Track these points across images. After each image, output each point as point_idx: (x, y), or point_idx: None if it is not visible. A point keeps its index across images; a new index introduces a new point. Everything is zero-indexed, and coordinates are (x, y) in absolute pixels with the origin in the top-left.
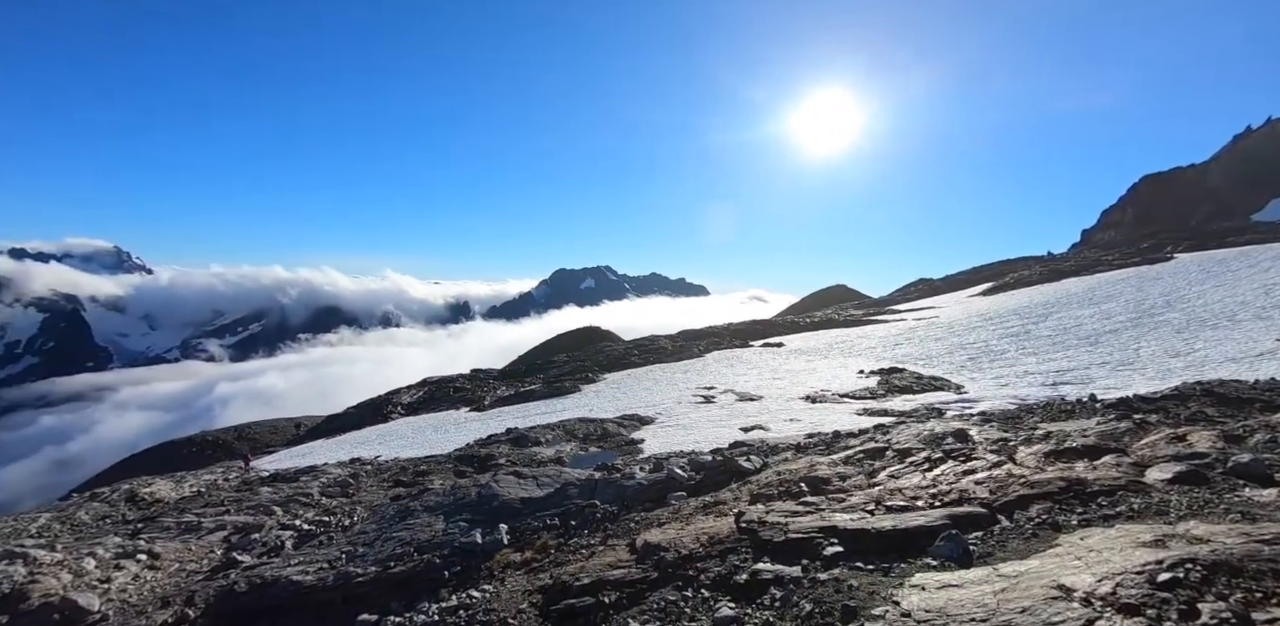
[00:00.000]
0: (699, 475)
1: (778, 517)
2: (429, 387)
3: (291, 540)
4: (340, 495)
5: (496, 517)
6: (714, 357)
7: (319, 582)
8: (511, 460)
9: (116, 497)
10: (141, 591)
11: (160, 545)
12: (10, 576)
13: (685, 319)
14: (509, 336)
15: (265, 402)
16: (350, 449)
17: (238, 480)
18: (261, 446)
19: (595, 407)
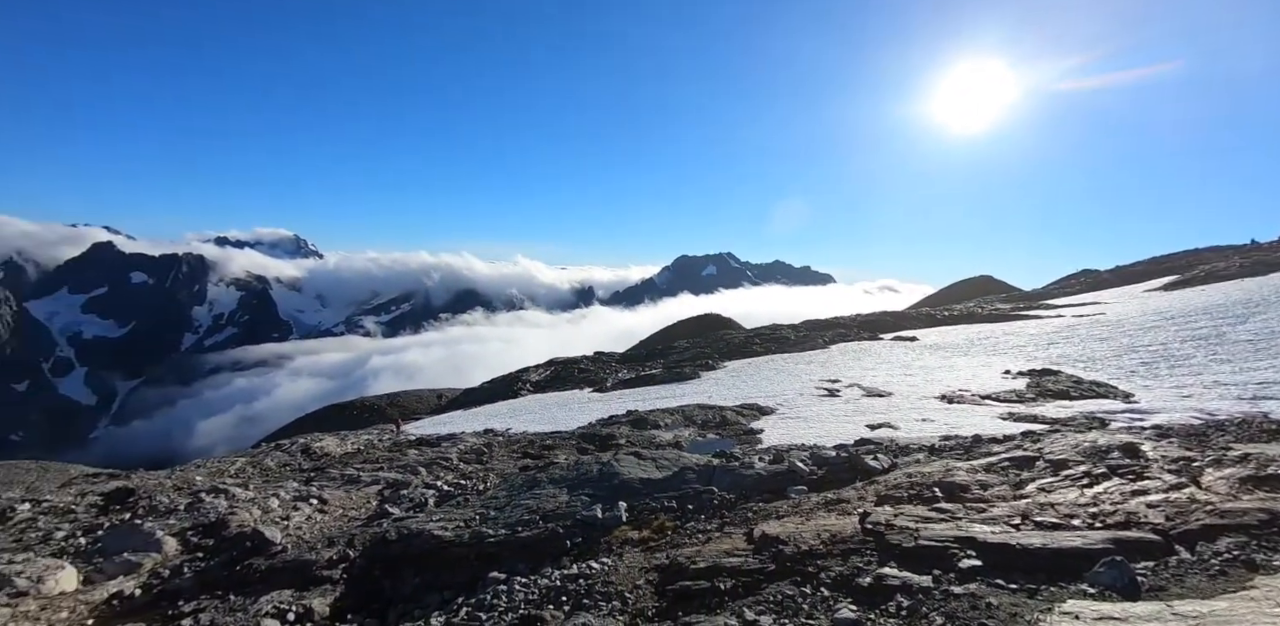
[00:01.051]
0: (821, 470)
1: (907, 522)
2: (555, 367)
3: (433, 498)
4: (475, 462)
5: (616, 495)
6: (839, 350)
7: (456, 538)
8: (631, 441)
9: (294, 449)
10: (312, 530)
11: (328, 492)
12: (216, 508)
13: (809, 308)
14: (630, 321)
15: (407, 376)
16: (484, 421)
17: (389, 442)
18: (409, 413)
19: (714, 395)
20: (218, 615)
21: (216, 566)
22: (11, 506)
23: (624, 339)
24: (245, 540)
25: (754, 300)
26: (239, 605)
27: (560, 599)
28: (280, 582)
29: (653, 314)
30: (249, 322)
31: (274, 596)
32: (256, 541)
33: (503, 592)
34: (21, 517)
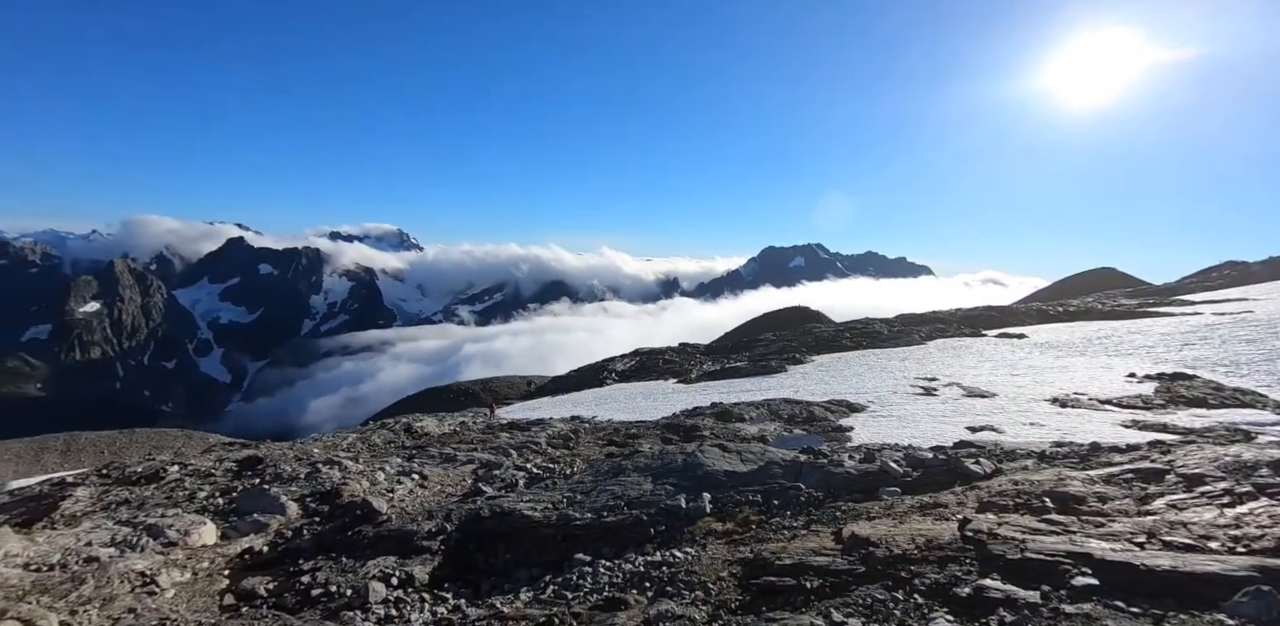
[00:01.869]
0: (915, 472)
1: (1012, 532)
2: (640, 358)
3: (523, 480)
4: (562, 447)
5: (700, 486)
6: (937, 346)
7: (544, 519)
8: (715, 433)
9: (398, 428)
10: (413, 503)
11: (428, 469)
12: (331, 478)
13: (904, 302)
14: (715, 313)
15: (495, 363)
16: (571, 407)
17: (483, 424)
18: (500, 398)
19: (801, 389)
20: (332, 574)
21: (331, 530)
22: (164, 468)
23: (708, 331)
24: (356, 509)
25: (844, 293)
26: (350, 567)
27: (644, 584)
28: (385, 549)
29: (737, 306)
30: (358, 310)
31: (380, 561)
32: (365, 510)
33: (588, 574)
34: (171, 478)
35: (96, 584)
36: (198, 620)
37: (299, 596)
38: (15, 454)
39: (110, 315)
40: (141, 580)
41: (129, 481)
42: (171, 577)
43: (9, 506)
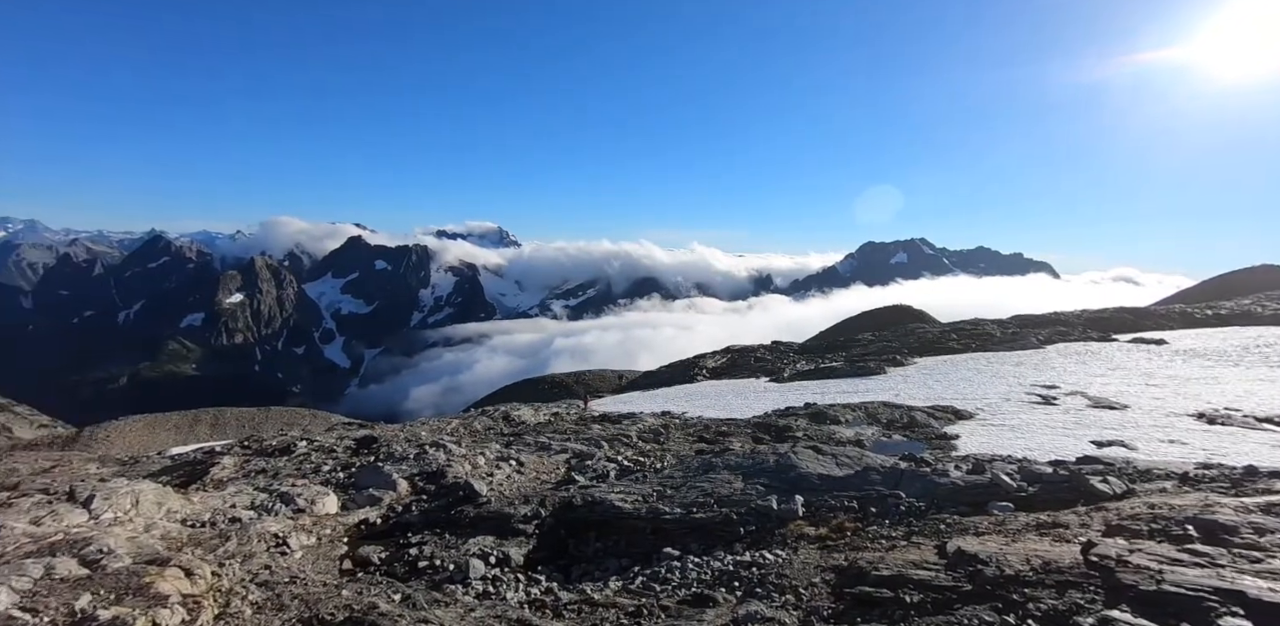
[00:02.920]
0: (1031, 487)
1: (1146, 561)
2: (732, 355)
3: (614, 471)
4: (653, 441)
5: (793, 488)
6: (1058, 351)
7: (634, 511)
8: (809, 435)
9: (497, 416)
10: (511, 487)
11: (524, 456)
12: (436, 459)
13: (1020, 302)
14: (808, 310)
15: (583, 357)
16: (661, 403)
17: (576, 416)
18: (592, 391)
19: (902, 393)
20: (436, 549)
21: (436, 508)
22: (294, 443)
23: (801, 329)
24: (459, 489)
25: (951, 291)
26: (452, 543)
27: (732, 583)
28: (485, 529)
29: (834, 303)
30: (462, 304)
31: (479, 540)
32: (467, 491)
33: (676, 569)
34: (300, 452)
35: (239, 541)
36: (322, 580)
37: (407, 567)
38: (174, 425)
39: (251, 306)
40: (275, 541)
41: (265, 453)
42: (300, 541)
43: (170, 469)
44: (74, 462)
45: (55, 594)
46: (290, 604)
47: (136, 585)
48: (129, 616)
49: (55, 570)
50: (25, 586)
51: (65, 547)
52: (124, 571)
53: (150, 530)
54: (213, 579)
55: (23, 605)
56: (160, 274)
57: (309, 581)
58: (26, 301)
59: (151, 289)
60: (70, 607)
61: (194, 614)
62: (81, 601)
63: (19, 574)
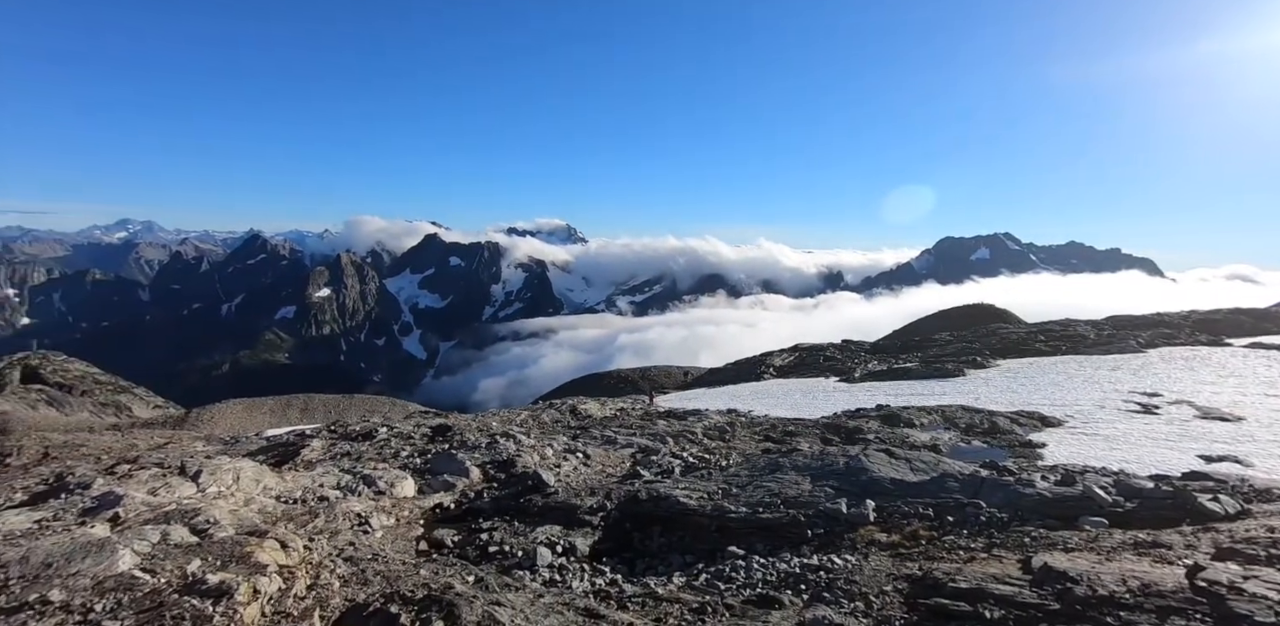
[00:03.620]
0: (1129, 503)
1: (1264, 590)
2: (800, 353)
3: (679, 467)
4: (718, 439)
5: (863, 492)
6: (1161, 355)
7: (699, 508)
8: (881, 438)
9: (564, 409)
10: (577, 479)
11: (590, 449)
12: (507, 449)
13: (1117, 302)
14: (881, 309)
15: (645, 354)
16: (727, 400)
17: (641, 411)
18: (657, 387)
19: (983, 397)
20: (506, 535)
21: (506, 496)
22: (375, 429)
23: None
24: (528, 479)
25: (1038, 289)
26: (521, 530)
27: (799, 586)
28: (552, 518)
29: (908, 302)
30: (531, 299)
31: (547, 529)
32: (536, 481)
33: (740, 568)
34: (381, 438)
35: (326, 518)
36: (401, 559)
37: (478, 551)
38: (269, 409)
39: (337, 300)
40: (358, 520)
41: (349, 437)
42: (380, 521)
43: (265, 449)
44: (184, 440)
45: (170, 558)
46: (373, 579)
47: (239, 553)
48: (233, 581)
49: (170, 536)
50: (145, 550)
51: (178, 516)
52: (228, 541)
53: (249, 504)
54: (304, 552)
55: (143, 566)
56: (258, 270)
57: (389, 559)
58: (144, 295)
59: (250, 284)
60: (183, 571)
61: (289, 583)
62: (192, 566)
63: (140, 538)
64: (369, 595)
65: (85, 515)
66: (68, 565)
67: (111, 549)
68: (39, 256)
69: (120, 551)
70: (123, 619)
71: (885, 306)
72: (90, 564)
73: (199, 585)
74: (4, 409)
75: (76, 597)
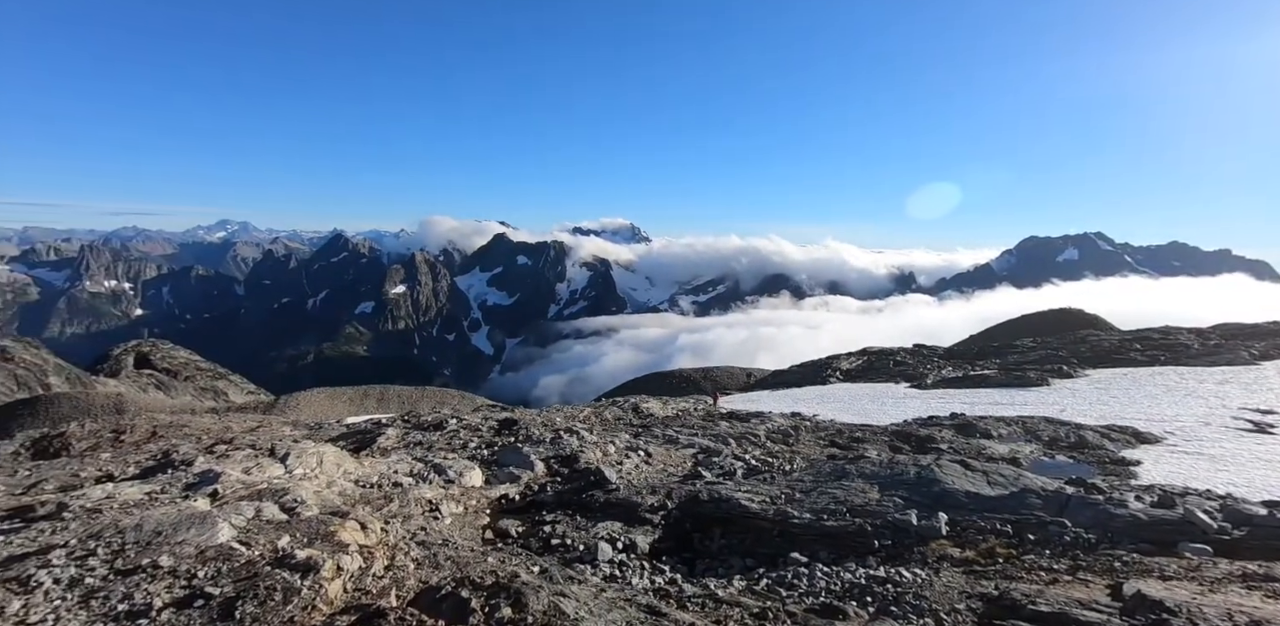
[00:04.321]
0: (1237, 530)
1: None
2: (868, 357)
3: (741, 470)
4: (782, 442)
5: (935, 504)
6: (1278, 368)
7: (761, 512)
8: (955, 448)
9: (627, 407)
10: (639, 477)
11: (652, 448)
12: (570, 444)
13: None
14: (956, 312)
15: (703, 354)
16: (791, 403)
17: (703, 411)
18: (719, 387)
19: (1069, 408)
20: (568, 529)
21: (569, 491)
22: (446, 420)
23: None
24: (590, 474)
25: (1133, 293)
26: (582, 525)
27: (864, 598)
28: (613, 514)
29: (986, 305)
30: (595, 298)
31: (608, 525)
32: (598, 477)
33: (803, 575)
34: (451, 429)
35: (400, 503)
36: (469, 546)
37: (541, 542)
38: (348, 398)
39: (411, 296)
40: (429, 506)
41: (421, 427)
42: (449, 508)
43: (345, 436)
44: (273, 425)
45: (263, 532)
46: (444, 563)
47: (323, 532)
48: (319, 557)
49: (262, 513)
50: (241, 524)
51: (269, 495)
52: (314, 519)
53: (331, 486)
54: (382, 534)
55: (239, 539)
56: (340, 267)
57: (458, 545)
58: (240, 289)
59: (333, 280)
60: (274, 545)
61: (368, 562)
62: (282, 541)
63: (236, 513)
64: (441, 578)
65: (188, 490)
66: (174, 534)
67: (212, 521)
68: (150, 254)
69: (220, 524)
70: (222, 586)
71: (959, 310)
72: (194, 534)
73: (288, 559)
74: (120, 390)
75: (182, 564)
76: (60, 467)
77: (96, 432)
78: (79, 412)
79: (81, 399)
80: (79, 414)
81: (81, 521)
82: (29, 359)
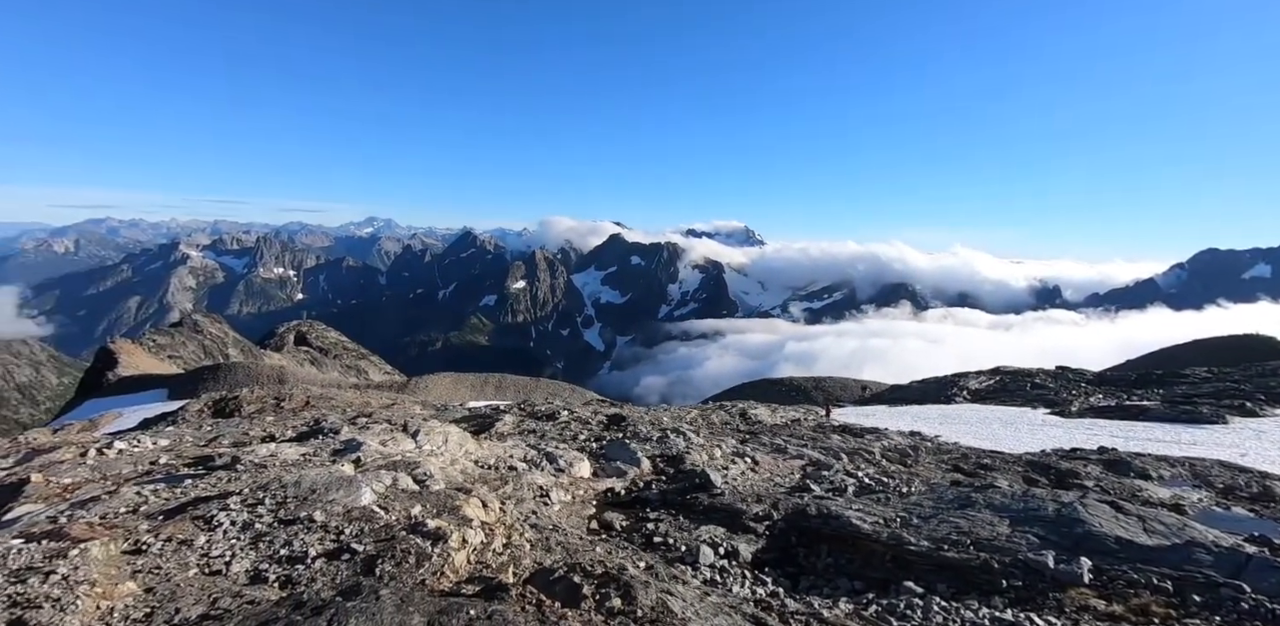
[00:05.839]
0: None
1: None
2: (1001, 378)
3: (853, 487)
4: (899, 462)
5: (1076, 547)
6: None
7: (873, 534)
8: (1103, 487)
9: (734, 412)
10: (744, 484)
11: (759, 456)
12: (676, 445)
13: None
14: (1107, 332)
15: (807, 363)
16: (910, 421)
17: (813, 422)
18: (832, 399)
19: (1252, 452)
20: (670, 528)
21: (673, 491)
22: (558, 411)
23: (1087, 354)
24: (695, 477)
25: None
26: (685, 526)
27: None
28: (716, 519)
29: (1143, 326)
30: (706, 300)
31: (710, 529)
32: (703, 480)
33: (917, 607)
34: (563, 420)
35: (514, 486)
36: (577, 534)
37: (644, 539)
38: (470, 384)
39: (530, 291)
40: (540, 492)
41: (536, 416)
42: (558, 496)
43: (467, 418)
44: (405, 403)
45: (398, 500)
46: (554, 548)
47: (450, 505)
48: (447, 529)
49: (398, 482)
50: (380, 490)
51: (403, 466)
52: (441, 493)
53: (454, 464)
54: (500, 513)
55: (379, 504)
56: (468, 262)
57: (567, 532)
58: (382, 279)
59: (462, 274)
60: (408, 513)
61: (489, 538)
62: (415, 510)
63: (376, 480)
64: (553, 561)
65: (335, 455)
66: (326, 493)
67: (357, 486)
68: (311, 246)
69: (363, 489)
70: (365, 544)
71: (1111, 330)
72: (341, 495)
73: (420, 527)
74: (282, 363)
75: (332, 520)
76: (234, 426)
77: (262, 398)
78: (249, 380)
79: (252, 368)
80: (249, 381)
81: (251, 473)
82: (214, 332)
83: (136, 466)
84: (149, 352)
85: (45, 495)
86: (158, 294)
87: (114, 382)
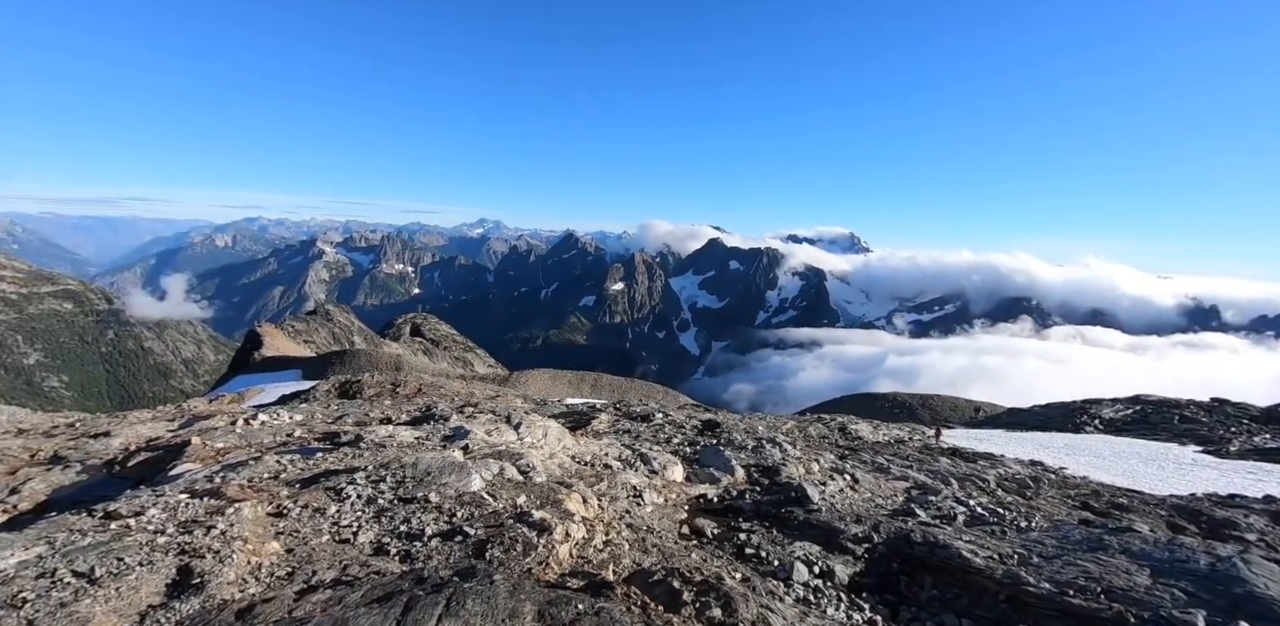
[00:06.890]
0: None
1: None
2: (1141, 407)
3: (963, 516)
4: (1016, 493)
5: (1234, 609)
6: None
7: (986, 569)
8: (1269, 542)
9: (833, 426)
10: (843, 502)
11: (859, 474)
12: (772, 456)
13: None
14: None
15: (908, 380)
16: (1030, 450)
17: (919, 443)
18: (939, 418)
19: None
20: (763, 541)
21: (768, 503)
22: (653, 413)
23: (1256, 387)
24: (791, 490)
25: None
26: (778, 540)
27: None
28: (811, 536)
29: None
30: (806, 308)
31: (805, 546)
32: (799, 495)
33: None
34: (657, 422)
35: (608, 484)
36: (671, 537)
37: (735, 549)
38: (568, 380)
39: (628, 294)
40: (633, 491)
41: (631, 417)
42: (651, 498)
43: (565, 414)
44: (507, 396)
45: (505, 489)
46: (651, 550)
47: (553, 498)
48: (552, 521)
49: (505, 472)
50: (489, 478)
51: (508, 457)
52: (544, 486)
53: (553, 458)
54: (599, 510)
55: (487, 491)
56: (569, 263)
57: (661, 535)
58: (490, 277)
59: (563, 274)
60: (514, 502)
61: (590, 533)
62: (520, 499)
63: (485, 468)
64: (651, 564)
65: (445, 440)
66: (440, 476)
67: (467, 472)
68: (428, 245)
69: (473, 475)
70: (476, 528)
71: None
72: (454, 479)
73: (526, 517)
74: (399, 352)
75: (445, 502)
76: (356, 407)
77: (380, 383)
78: (370, 366)
79: (372, 355)
80: (370, 367)
81: (372, 452)
82: (342, 321)
83: (275, 437)
84: (288, 336)
85: (202, 456)
86: (297, 285)
87: (259, 361)
